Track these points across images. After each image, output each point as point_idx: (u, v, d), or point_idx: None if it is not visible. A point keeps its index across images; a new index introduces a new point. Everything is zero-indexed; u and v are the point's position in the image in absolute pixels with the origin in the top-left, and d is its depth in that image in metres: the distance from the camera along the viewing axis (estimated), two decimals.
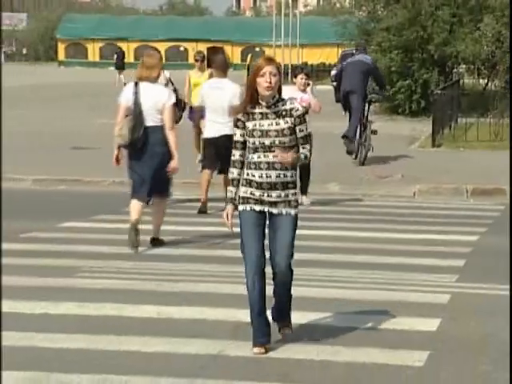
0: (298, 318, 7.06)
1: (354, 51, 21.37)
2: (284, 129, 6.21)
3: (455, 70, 29.31)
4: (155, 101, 9.69)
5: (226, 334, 6.90)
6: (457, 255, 9.73)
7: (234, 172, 6.36)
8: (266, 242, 6.33)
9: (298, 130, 6.27)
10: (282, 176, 6.21)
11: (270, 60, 6.30)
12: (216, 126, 11.70)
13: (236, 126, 6.33)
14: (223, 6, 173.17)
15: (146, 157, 9.69)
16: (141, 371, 6.05)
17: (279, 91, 6.30)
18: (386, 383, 5.91)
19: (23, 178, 14.60)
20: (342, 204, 13.23)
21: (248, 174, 6.26)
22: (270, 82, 6.13)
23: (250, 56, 55.86)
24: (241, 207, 6.26)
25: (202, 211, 12.03)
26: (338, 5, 65.30)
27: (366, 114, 17.28)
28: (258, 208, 6.24)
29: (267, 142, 6.20)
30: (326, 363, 6.28)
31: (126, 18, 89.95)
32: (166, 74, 13.65)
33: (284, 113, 6.25)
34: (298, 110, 6.31)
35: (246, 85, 6.38)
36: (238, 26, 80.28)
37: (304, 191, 12.77)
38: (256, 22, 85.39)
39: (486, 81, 29.18)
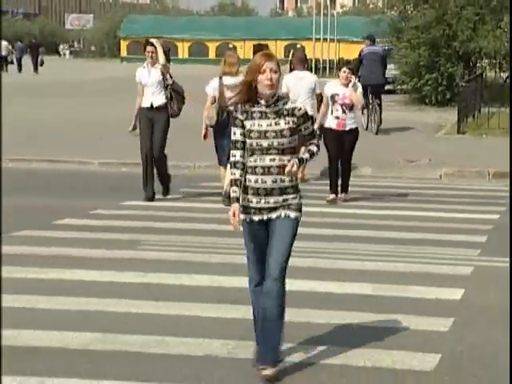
0: (335, 287, 7.05)
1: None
2: (283, 129, 5.23)
3: (478, 64, 28.96)
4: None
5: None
6: (479, 232, 9.65)
7: (235, 173, 5.30)
8: None
9: (303, 129, 5.34)
10: (278, 181, 5.23)
11: (270, 56, 5.29)
12: None
13: (235, 124, 5.33)
14: (268, 7, 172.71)
15: (228, 133, 9.74)
16: (195, 334, 6.09)
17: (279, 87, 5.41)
18: (416, 345, 5.89)
19: (90, 161, 14.73)
20: (373, 186, 13.15)
21: (245, 179, 5.28)
22: (271, 80, 5.17)
23: (292, 51, 55.70)
24: (242, 216, 5.30)
25: None
26: (371, 5, 64.81)
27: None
28: (256, 218, 5.27)
29: (265, 143, 5.22)
30: (362, 326, 6.29)
31: (180, 19, 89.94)
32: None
33: (285, 112, 5.27)
34: (300, 109, 5.33)
35: (243, 80, 5.37)
36: (281, 25, 79.89)
37: (344, 189, 11.65)
38: (298, 21, 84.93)
39: (506, 74, 28.88)
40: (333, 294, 7.16)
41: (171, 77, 11.50)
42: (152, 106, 11.40)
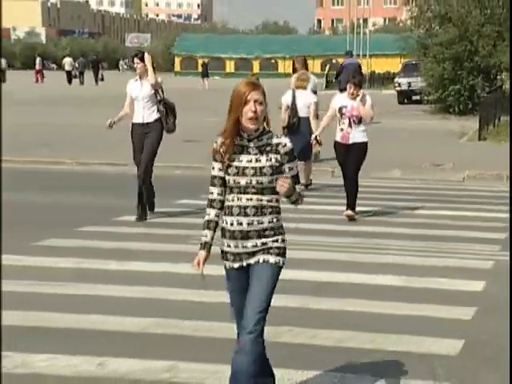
0: (368, 279, 7.01)
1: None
2: (264, 167, 4.15)
3: (498, 77, 28.74)
4: (305, 101, 12.14)
5: (308, 291, 6.90)
6: (499, 229, 9.53)
7: (210, 213, 4.28)
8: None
9: (287, 169, 4.21)
10: (255, 223, 4.17)
11: (255, 85, 4.17)
12: None
13: (214, 158, 4.25)
14: (307, 26, 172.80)
15: (298, 133, 11.92)
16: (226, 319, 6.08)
17: (266, 123, 4.24)
18: (441, 331, 5.84)
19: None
20: (402, 187, 13.06)
21: (223, 221, 4.26)
22: (255, 112, 4.10)
23: (328, 66, 55.64)
24: (224, 262, 4.33)
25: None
26: (401, 24, 64.44)
27: None
28: (236, 265, 4.26)
29: (243, 181, 4.16)
30: (393, 315, 6.25)
31: (228, 37, 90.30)
32: (159, 79, 10.18)
33: (268, 148, 4.18)
34: (285, 145, 4.20)
35: (228, 111, 4.21)
36: (318, 42, 79.76)
37: (351, 207, 10.14)
38: (333, 38, 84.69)
39: None
40: (367, 286, 7.13)
41: (163, 92, 10.12)
42: (143, 122, 10.03)
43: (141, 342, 5.60)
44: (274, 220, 4.23)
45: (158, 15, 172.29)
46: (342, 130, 10.15)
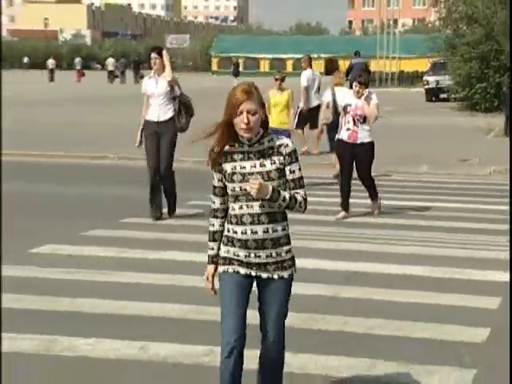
0: (396, 269, 6.97)
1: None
2: (270, 171, 3.79)
3: None
4: (343, 97, 11.49)
5: (339, 281, 6.88)
6: None
7: (214, 224, 3.92)
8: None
9: (288, 171, 3.84)
10: (270, 231, 3.79)
11: (249, 93, 3.77)
12: None
13: (213, 168, 3.91)
14: (338, 26, 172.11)
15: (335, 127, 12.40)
16: None
17: (265, 125, 3.89)
18: (468, 319, 5.79)
19: (186, 159, 14.82)
20: (429, 181, 12.95)
21: (229, 230, 3.85)
22: (248, 123, 3.75)
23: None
24: (221, 268, 3.88)
25: None
26: (429, 24, 63.88)
27: None
28: (242, 271, 3.85)
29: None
30: (421, 303, 6.21)
31: (263, 38, 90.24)
32: (175, 75, 9.70)
33: (270, 151, 3.83)
34: (287, 145, 3.84)
35: (220, 122, 3.87)
36: (349, 42, 79.27)
37: (375, 202, 9.87)
38: (363, 39, 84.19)
39: None
40: (395, 276, 7.08)
41: (179, 87, 9.48)
42: (158, 119, 9.36)
43: (181, 328, 5.63)
44: (286, 227, 3.88)
45: (196, 17, 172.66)
46: (348, 129, 9.57)
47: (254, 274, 3.85)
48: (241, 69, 76.54)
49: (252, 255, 3.80)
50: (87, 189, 11.84)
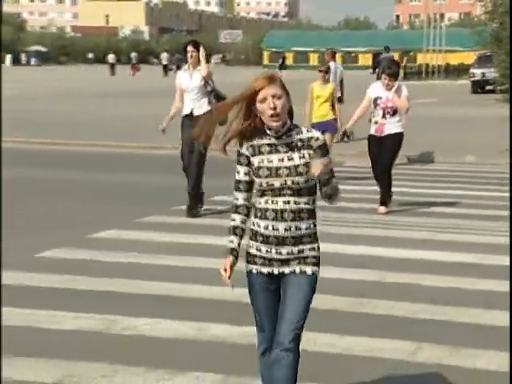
0: (442, 256, 6.90)
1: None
2: (299, 165, 3.46)
3: None
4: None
5: (386, 267, 6.85)
6: None
7: (236, 219, 3.60)
8: None
9: None
10: (292, 229, 3.49)
11: (271, 79, 3.46)
12: None
13: (239, 161, 3.58)
14: (386, 21, 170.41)
15: None
16: (321, 291, 6.09)
17: (291, 115, 3.55)
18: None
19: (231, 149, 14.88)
20: (475, 171, 12.76)
21: (254, 224, 3.58)
22: (275, 108, 3.41)
23: (405, 59, 54.72)
24: (248, 267, 3.64)
25: None
26: (475, 18, 62.81)
27: None
28: (265, 270, 3.57)
29: (277, 183, 3.47)
30: (463, 290, 6.15)
31: (312, 33, 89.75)
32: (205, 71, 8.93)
33: (300, 144, 3.50)
34: (318, 138, 3.52)
35: (234, 103, 3.53)
36: (396, 36, 78.44)
37: (383, 202, 9.21)
38: (410, 33, 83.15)
39: None
40: (441, 262, 7.03)
41: (213, 82, 9.02)
42: (192, 114, 8.84)
43: (237, 310, 5.66)
44: (312, 226, 3.54)
45: (248, 13, 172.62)
46: (376, 123, 9.12)
47: (276, 271, 3.55)
48: (290, 62, 76.45)
49: (273, 251, 3.53)
50: (143, 177, 11.96)
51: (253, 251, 3.59)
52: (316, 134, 3.54)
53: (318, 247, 3.58)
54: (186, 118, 8.91)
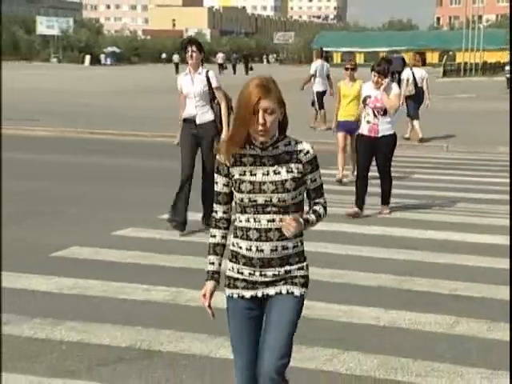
0: (480, 238, 6.74)
1: None
2: (286, 180, 2.83)
3: None
4: (420, 75, 13.81)
5: (428, 248, 6.74)
6: None
7: (216, 235, 2.98)
8: None
9: (309, 181, 2.91)
10: (279, 249, 2.87)
11: (266, 88, 2.78)
12: None
13: (217, 170, 2.93)
14: (427, 22, 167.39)
15: (417, 99, 14.27)
16: (369, 269, 6.04)
17: (283, 127, 2.89)
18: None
19: None
20: (507, 160, 12.44)
21: (234, 244, 2.94)
22: (264, 124, 2.78)
23: (445, 58, 53.72)
24: (227, 292, 2.98)
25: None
26: None
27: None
28: (248, 294, 2.92)
29: (260, 199, 2.83)
30: (501, 270, 6.01)
31: (358, 34, 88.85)
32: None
33: (287, 157, 2.86)
34: (307, 152, 2.87)
35: (235, 117, 2.88)
36: (437, 36, 77.09)
37: (385, 201, 8.19)
38: (450, 33, 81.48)
39: None
40: (480, 244, 6.88)
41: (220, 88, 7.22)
42: (195, 121, 7.16)
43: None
44: (299, 244, 2.92)
45: (300, 17, 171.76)
46: (368, 122, 7.97)
47: (260, 294, 2.91)
48: (338, 61, 75.71)
49: (257, 273, 2.88)
50: None
51: (233, 274, 2.93)
52: (306, 146, 2.86)
53: (307, 266, 2.95)
54: (188, 123, 7.16)
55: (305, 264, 2.95)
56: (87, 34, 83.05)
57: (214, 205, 2.98)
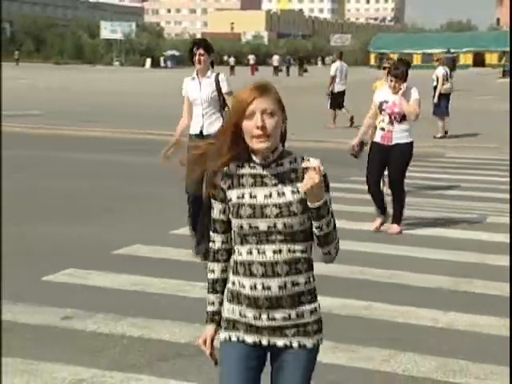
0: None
1: None
2: (291, 203, 2.34)
3: None
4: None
5: (484, 249, 6.59)
6: None
7: (214, 269, 2.48)
8: None
9: None
10: (289, 286, 2.36)
11: (263, 89, 2.33)
12: None
13: (212, 195, 2.43)
14: (487, 23, 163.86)
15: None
16: (426, 271, 5.95)
17: (283, 139, 2.40)
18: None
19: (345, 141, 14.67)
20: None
21: (234, 283, 2.42)
22: (264, 127, 2.30)
23: (504, 58, 52.51)
24: (223, 335, 2.45)
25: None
26: None
27: None
28: (250, 339, 2.40)
29: (262, 225, 2.34)
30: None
31: (415, 35, 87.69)
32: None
33: (293, 175, 2.38)
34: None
35: (222, 128, 2.41)
36: (495, 37, 75.32)
37: (395, 219, 7.24)
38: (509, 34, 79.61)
39: None
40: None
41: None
42: (202, 133, 6.18)
43: (343, 285, 5.61)
44: (311, 279, 2.41)
45: (357, 19, 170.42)
46: (382, 129, 7.14)
47: (265, 342, 2.38)
48: (418, 61, 74.66)
49: (264, 317, 2.35)
50: None
51: (234, 317, 2.40)
52: (314, 163, 2.33)
53: (319, 306, 2.44)
54: (194, 139, 6.13)
55: (317, 304, 2.42)
56: (148, 38, 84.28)
57: (211, 234, 2.46)
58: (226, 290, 2.44)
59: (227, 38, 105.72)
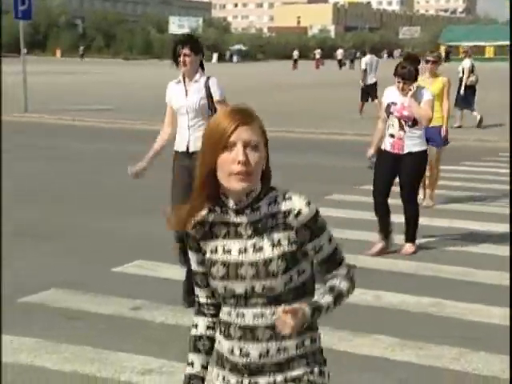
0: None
1: None
2: (270, 260, 1.82)
3: None
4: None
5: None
6: None
7: (198, 324, 2.03)
8: None
9: (312, 251, 1.87)
10: (272, 352, 1.88)
11: (248, 115, 1.80)
12: None
13: (189, 246, 1.95)
14: None
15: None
16: (468, 264, 5.80)
17: (266, 176, 1.86)
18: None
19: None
20: None
21: (219, 342, 1.98)
22: (247, 163, 1.76)
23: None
24: None
25: None
26: None
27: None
28: None
29: (239, 289, 1.87)
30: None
31: (487, 27, 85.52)
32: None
33: (272, 222, 1.84)
34: (299, 212, 1.82)
35: (200, 161, 1.84)
36: None
37: (408, 237, 6.37)
38: None
39: None
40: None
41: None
42: (188, 150, 5.01)
43: (411, 282, 5.54)
44: (307, 342, 1.93)
45: (427, 10, 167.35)
46: (392, 136, 6.20)
47: None
48: (491, 55, 73.01)
49: (245, 382, 1.94)
50: (326, 161, 11.96)
51: (217, 381, 2.01)
52: (297, 204, 1.85)
53: (322, 372, 1.95)
54: (180, 156, 5.08)
55: (316, 368, 1.93)
56: (215, 33, 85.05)
57: (194, 287, 2.05)
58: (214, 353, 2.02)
59: (293, 31, 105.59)
